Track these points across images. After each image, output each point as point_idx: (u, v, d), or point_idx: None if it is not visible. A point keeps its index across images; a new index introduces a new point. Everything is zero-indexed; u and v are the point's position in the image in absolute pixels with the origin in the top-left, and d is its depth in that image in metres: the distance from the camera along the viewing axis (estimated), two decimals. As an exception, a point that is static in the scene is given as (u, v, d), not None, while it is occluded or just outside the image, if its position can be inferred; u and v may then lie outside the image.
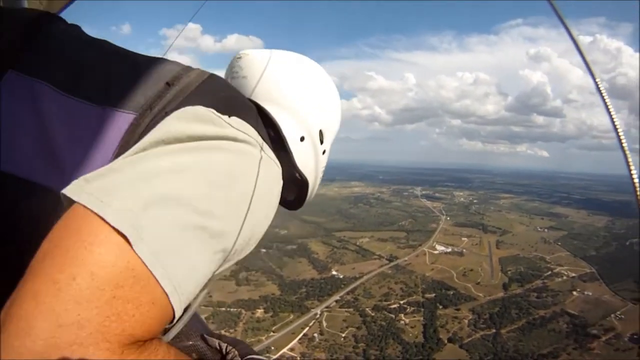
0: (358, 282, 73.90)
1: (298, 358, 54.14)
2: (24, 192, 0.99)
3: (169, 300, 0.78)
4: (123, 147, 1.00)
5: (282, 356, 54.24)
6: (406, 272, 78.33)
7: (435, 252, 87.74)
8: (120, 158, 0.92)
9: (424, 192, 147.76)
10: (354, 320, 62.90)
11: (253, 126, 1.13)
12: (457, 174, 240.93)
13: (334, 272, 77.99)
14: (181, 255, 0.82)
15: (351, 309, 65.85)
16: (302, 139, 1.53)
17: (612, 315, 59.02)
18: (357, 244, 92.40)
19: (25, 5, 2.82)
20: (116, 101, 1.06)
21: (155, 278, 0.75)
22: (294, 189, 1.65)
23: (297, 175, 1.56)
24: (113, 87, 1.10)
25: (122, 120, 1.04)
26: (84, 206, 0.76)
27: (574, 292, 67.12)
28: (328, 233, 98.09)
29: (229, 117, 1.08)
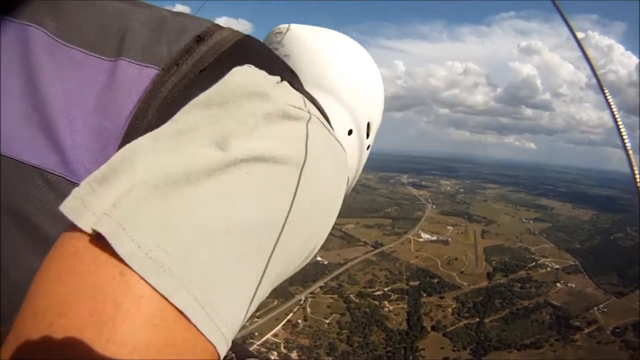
0: (343, 269, 74.00)
1: (282, 344, 54.14)
2: (8, 175, 0.68)
3: (216, 350, 0.54)
4: (141, 110, 0.73)
5: (265, 342, 54.07)
6: (391, 259, 78.73)
7: (421, 239, 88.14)
8: (140, 148, 0.59)
9: (410, 180, 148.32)
10: (338, 306, 63.01)
11: (306, 95, 0.89)
12: (444, 162, 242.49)
13: (318, 258, 76.37)
14: (233, 292, 0.58)
15: (335, 296, 65.95)
16: (350, 132, 1.34)
17: (595, 308, 59.84)
18: (343, 230, 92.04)
19: None
20: (132, 53, 0.78)
21: (203, 336, 0.53)
22: None
23: None
24: (128, 36, 0.81)
25: (140, 75, 0.76)
26: (94, 239, 0.51)
27: (558, 284, 67.92)
28: None
29: (280, 82, 0.81)
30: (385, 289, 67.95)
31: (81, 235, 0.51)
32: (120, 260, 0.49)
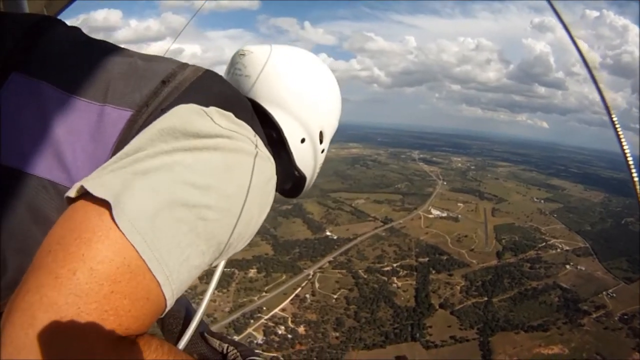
0: (352, 244, 73.67)
1: (289, 319, 54.26)
2: (29, 186, 1.05)
3: (162, 292, 0.85)
4: (121, 142, 1.07)
5: (273, 316, 54.18)
6: (400, 235, 78.14)
7: (431, 216, 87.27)
8: (117, 155, 0.98)
9: (421, 156, 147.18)
10: (346, 282, 62.86)
11: (247, 122, 1.18)
12: (456, 139, 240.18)
13: (328, 233, 77.72)
14: (176, 248, 0.88)
15: (344, 271, 65.75)
16: (302, 140, 1.61)
17: (604, 293, 59.14)
18: (353, 205, 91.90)
19: (26, 6, 2.81)
20: (114, 99, 1.13)
21: (150, 272, 0.82)
22: (292, 181, 1.75)
23: (297, 173, 1.68)
24: (111, 86, 1.15)
25: (119, 117, 1.10)
26: (84, 203, 0.86)
27: (567, 266, 67.28)
28: (324, 194, 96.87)
29: (224, 113, 1.13)
30: (394, 265, 67.56)
31: (77, 201, 0.87)
32: (102, 207, 0.83)
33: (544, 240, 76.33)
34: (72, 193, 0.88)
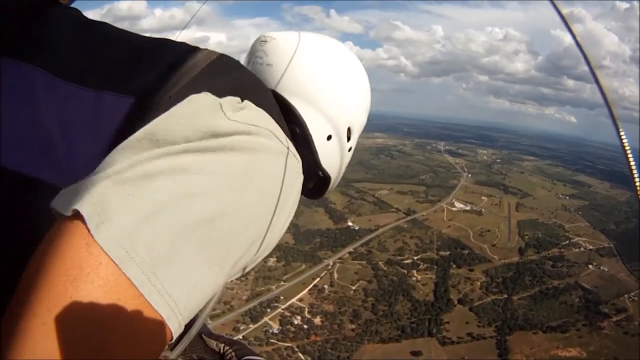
0: (373, 235, 73.70)
1: (306, 309, 54.59)
2: (12, 184, 0.90)
3: (168, 326, 0.73)
4: (120, 132, 0.91)
5: (290, 306, 54.66)
6: (423, 227, 77.68)
7: (454, 209, 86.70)
8: (114, 154, 0.84)
9: (447, 148, 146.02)
10: (365, 273, 62.94)
11: (270, 114, 1.05)
12: (482, 131, 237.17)
13: (349, 223, 77.90)
14: (181, 274, 0.75)
15: (364, 262, 65.86)
16: (329, 137, 1.48)
17: (626, 295, 57.78)
18: (376, 195, 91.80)
19: None
20: (113, 84, 0.98)
21: (152, 307, 0.70)
22: (315, 180, 1.59)
23: (321, 173, 1.53)
24: (110, 70, 1.02)
25: (118, 104, 0.96)
26: (70, 224, 0.71)
27: (590, 266, 65.85)
28: (347, 183, 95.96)
29: (242, 102, 1.00)
30: (415, 258, 67.33)
31: (64, 219, 0.71)
32: (89, 233, 0.68)
33: (567, 238, 74.92)
34: (59, 206, 0.73)
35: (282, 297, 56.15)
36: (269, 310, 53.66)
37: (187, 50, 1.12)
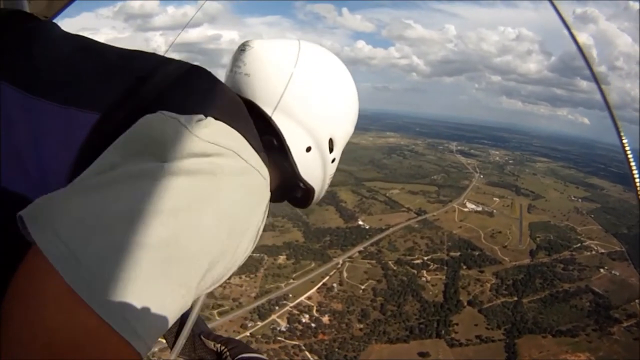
0: (383, 234, 73.08)
1: (314, 307, 54.44)
2: (6, 199, 0.94)
3: (134, 348, 0.72)
4: (85, 149, 0.96)
5: (298, 304, 54.64)
6: (433, 227, 77.00)
7: (465, 209, 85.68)
8: (79, 179, 0.87)
9: (459, 148, 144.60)
10: (375, 273, 62.52)
11: (238, 129, 1.03)
12: (495, 132, 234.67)
13: (360, 222, 77.47)
14: (145, 298, 0.73)
15: (373, 261, 65.42)
16: (308, 149, 1.46)
17: (637, 301, 56.63)
18: (387, 195, 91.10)
19: (26, 6, 2.77)
20: (80, 100, 1.01)
21: (117, 333, 0.70)
22: (300, 193, 1.58)
23: (302, 184, 1.52)
24: (78, 86, 1.05)
25: (84, 120, 0.99)
26: (35, 253, 0.73)
27: (601, 270, 64.71)
28: (358, 182, 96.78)
29: (205, 118, 0.98)
30: (425, 258, 66.67)
31: (33, 245, 0.74)
32: (41, 253, 0.71)
33: (579, 241, 73.76)
34: (33, 233, 0.74)
35: (290, 295, 55.99)
36: (277, 307, 53.53)
37: (157, 63, 1.14)
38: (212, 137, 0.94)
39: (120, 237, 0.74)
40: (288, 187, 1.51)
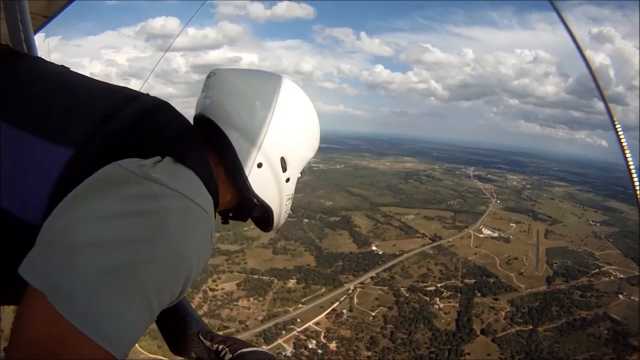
0: (397, 260, 71.89)
1: (322, 333, 53.40)
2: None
3: (110, 354, 0.89)
4: (61, 182, 1.11)
5: (306, 329, 53.70)
6: (448, 253, 75.62)
7: (481, 235, 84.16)
8: (50, 219, 1.03)
9: (476, 173, 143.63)
10: (386, 299, 61.21)
11: (189, 165, 1.21)
12: (513, 156, 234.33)
13: (373, 248, 76.51)
14: (112, 311, 0.91)
15: (385, 288, 64.14)
16: (259, 165, 1.59)
17: (657, 327, 54.34)
18: (402, 220, 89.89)
19: (26, 6, 2.82)
20: (56, 135, 1.15)
21: (91, 340, 0.86)
22: (260, 212, 1.71)
23: (256, 200, 1.63)
24: (55, 122, 1.18)
25: (60, 155, 1.13)
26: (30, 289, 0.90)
27: (620, 296, 62.43)
28: (374, 207, 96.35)
29: (161, 160, 1.17)
30: (439, 285, 65.19)
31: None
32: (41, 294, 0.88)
33: (597, 267, 71.41)
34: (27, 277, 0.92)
35: (298, 320, 55.29)
36: (284, 332, 52.82)
37: (123, 101, 1.29)
38: (163, 179, 1.11)
39: (88, 266, 0.91)
40: (245, 204, 1.63)
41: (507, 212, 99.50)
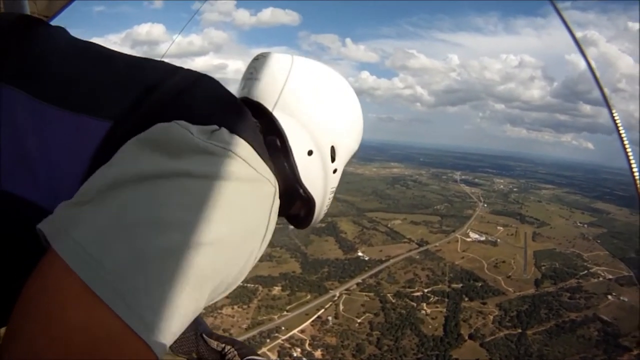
0: (383, 266, 71.41)
1: (307, 341, 52.44)
2: (1, 204, 0.97)
3: (152, 350, 0.74)
4: (98, 156, 0.97)
5: (290, 337, 52.60)
6: (435, 258, 75.19)
7: (468, 239, 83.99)
8: (90, 184, 0.88)
9: (463, 177, 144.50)
10: (372, 305, 60.47)
11: (245, 138, 1.05)
12: (499, 160, 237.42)
13: (359, 253, 75.94)
14: (162, 301, 0.76)
15: (372, 294, 63.46)
16: (310, 152, 1.48)
17: (647, 327, 54.15)
18: (389, 225, 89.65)
19: (26, 6, 2.86)
20: (91, 108, 1.02)
21: (135, 334, 0.72)
22: (301, 205, 1.59)
23: (302, 191, 1.50)
24: (90, 93, 1.07)
25: (96, 128, 1.00)
26: (55, 256, 0.75)
27: (609, 297, 62.09)
28: (360, 213, 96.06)
29: (218, 129, 1.02)
30: (425, 290, 64.55)
31: (50, 249, 0.77)
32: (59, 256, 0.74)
33: (585, 268, 71.22)
34: (50, 238, 0.78)
35: (283, 328, 54.20)
36: (268, 340, 51.61)
37: (165, 71, 1.18)
38: (224, 144, 0.97)
39: (139, 242, 0.77)
40: (289, 194, 1.44)
41: (494, 216, 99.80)
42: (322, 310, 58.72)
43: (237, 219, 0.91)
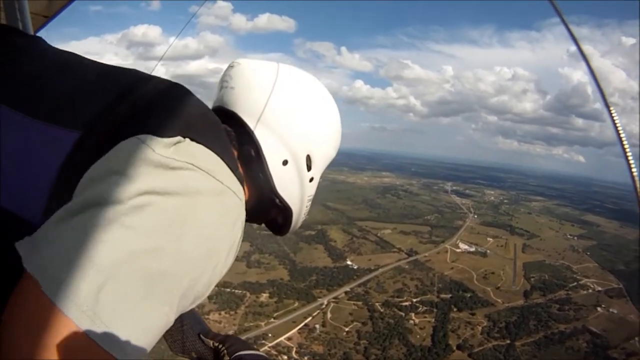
0: (372, 275, 71.21)
1: (294, 349, 52.02)
2: None
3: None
4: (66, 167, 0.96)
5: (277, 345, 52.17)
6: (424, 268, 75.06)
7: (458, 250, 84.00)
8: (62, 210, 0.88)
9: (454, 188, 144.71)
10: (360, 314, 60.10)
11: (212, 148, 1.06)
12: (491, 172, 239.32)
13: (348, 262, 75.85)
14: (130, 317, 0.81)
15: (360, 303, 63.17)
16: (285, 162, 1.48)
17: (637, 339, 54.30)
18: (378, 235, 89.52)
19: (27, 6, 2.86)
20: (60, 118, 1.01)
21: (105, 351, 0.76)
22: (278, 213, 1.59)
23: (278, 200, 1.51)
24: (59, 103, 1.05)
25: (65, 138, 0.99)
26: (29, 281, 0.77)
27: (599, 308, 62.06)
28: (350, 221, 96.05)
29: (183, 140, 1.01)
30: (414, 300, 64.36)
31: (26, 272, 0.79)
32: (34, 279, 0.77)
33: (575, 280, 71.28)
34: (28, 264, 0.79)
35: (270, 335, 53.89)
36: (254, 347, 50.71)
37: (136, 79, 1.16)
38: (188, 158, 0.97)
39: (103, 261, 0.78)
40: (264, 204, 1.49)
41: (484, 227, 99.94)
42: (310, 318, 58.35)
43: (200, 234, 0.92)
